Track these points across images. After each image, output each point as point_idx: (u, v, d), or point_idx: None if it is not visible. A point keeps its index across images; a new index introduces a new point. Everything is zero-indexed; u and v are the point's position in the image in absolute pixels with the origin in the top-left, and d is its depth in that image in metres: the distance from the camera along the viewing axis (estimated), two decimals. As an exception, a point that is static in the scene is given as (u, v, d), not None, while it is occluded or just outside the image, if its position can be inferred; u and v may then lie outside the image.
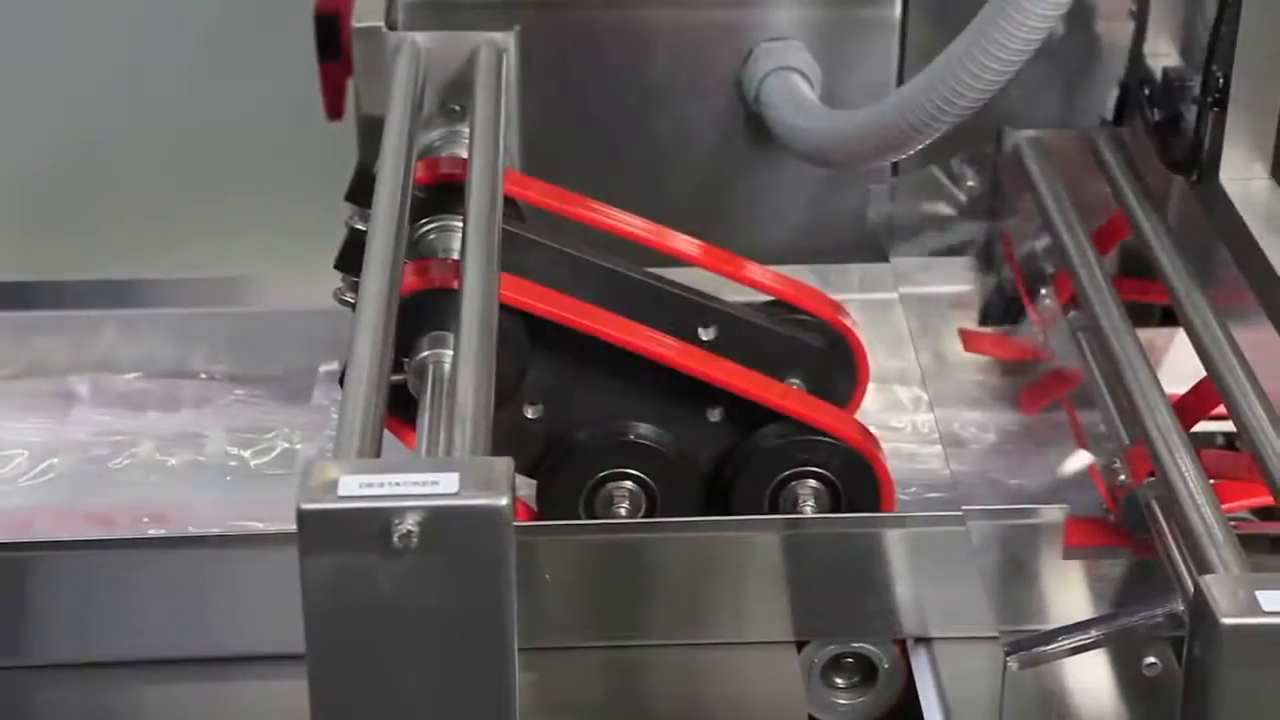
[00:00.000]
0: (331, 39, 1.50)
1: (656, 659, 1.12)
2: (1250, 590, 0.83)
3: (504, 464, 0.82)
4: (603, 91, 1.43)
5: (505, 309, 1.06)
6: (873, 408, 1.28)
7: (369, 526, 0.80)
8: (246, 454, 1.30)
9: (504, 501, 0.80)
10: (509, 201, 1.18)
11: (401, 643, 0.82)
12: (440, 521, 0.80)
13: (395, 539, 0.79)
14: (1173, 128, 1.21)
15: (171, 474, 1.28)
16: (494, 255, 1.02)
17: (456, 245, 1.13)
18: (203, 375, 1.37)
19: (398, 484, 0.81)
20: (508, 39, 1.30)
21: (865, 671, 1.13)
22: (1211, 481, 0.98)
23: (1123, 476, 1.09)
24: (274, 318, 1.38)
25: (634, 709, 1.12)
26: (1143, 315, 1.26)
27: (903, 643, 1.12)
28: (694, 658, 1.11)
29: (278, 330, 1.37)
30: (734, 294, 1.21)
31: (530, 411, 1.12)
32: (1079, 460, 1.18)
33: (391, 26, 1.33)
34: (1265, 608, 0.82)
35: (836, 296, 1.25)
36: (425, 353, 1.07)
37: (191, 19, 2.13)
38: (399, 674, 0.82)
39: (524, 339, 1.10)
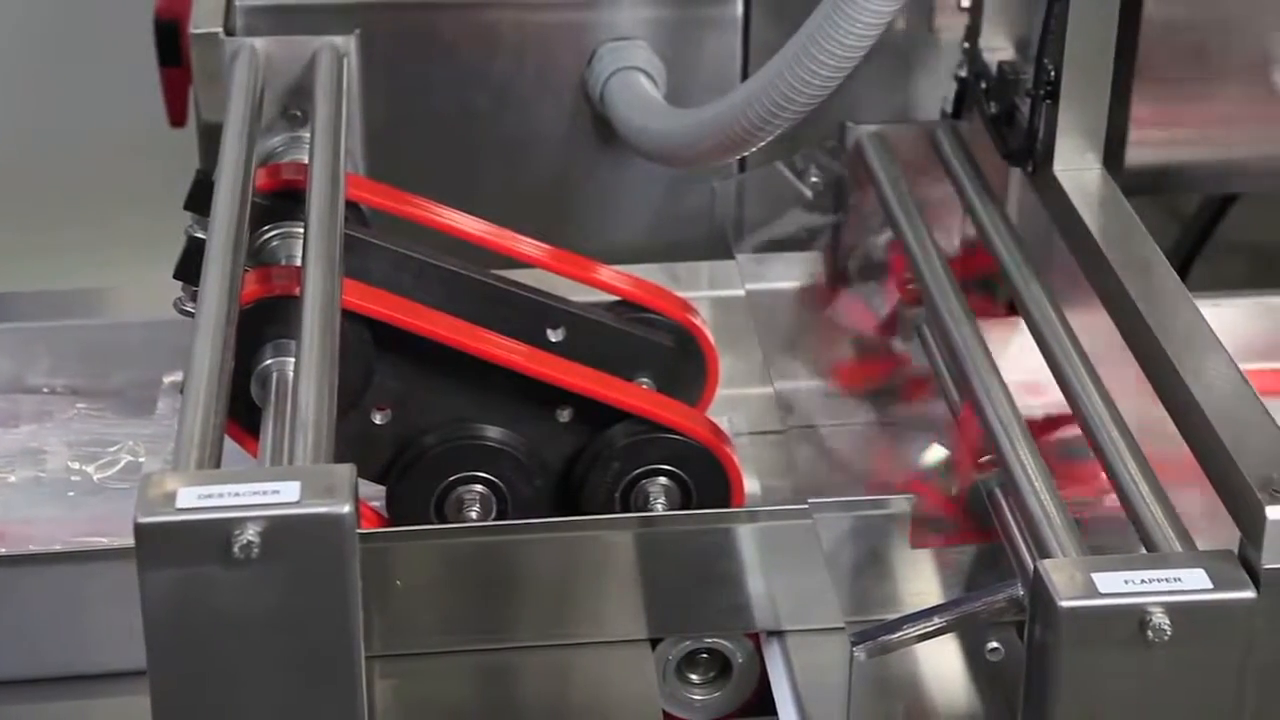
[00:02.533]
0: (172, 45, 1.49)
1: (512, 661, 1.12)
2: (1087, 573, 0.85)
3: (346, 471, 0.82)
4: (447, 93, 1.42)
5: (349, 315, 1.05)
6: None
7: (208, 538, 0.79)
8: (90, 468, 1.28)
9: (346, 509, 0.80)
10: (351, 206, 1.18)
11: (246, 655, 0.81)
12: (281, 531, 0.79)
13: (236, 550, 0.79)
14: (1008, 120, 1.23)
15: (12, 491, 1.25)
16: (336, 261, 1.02)
17: (299, 252, 1.12)
18: (44, 390, 1.34)
19: (237, 494, 0.80)
20: (348, 42, 1.29)
21: (720, 667, 1.14)
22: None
23: (966, 466, 1.11)
24: (115, 329, 1.35)
25: (491, 710, 1.12)
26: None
27: (756, 637, 1.13)
28: (549, 658, 1.11)
29: (119, 342, 1.35)
30: (585, 295, 1.21)
31: (378, 417, 1.12)
32: (925, 452, 1.19)
33: (230, 32, 1.32)
34: (1101, 590, 0.84)
35: (686, 294, 1.25)
36: (268, 361, 1.06)
37: (32, 24, 2.09)
38: (244, 686, 0.81)
39: (369, 345, 1.09)
